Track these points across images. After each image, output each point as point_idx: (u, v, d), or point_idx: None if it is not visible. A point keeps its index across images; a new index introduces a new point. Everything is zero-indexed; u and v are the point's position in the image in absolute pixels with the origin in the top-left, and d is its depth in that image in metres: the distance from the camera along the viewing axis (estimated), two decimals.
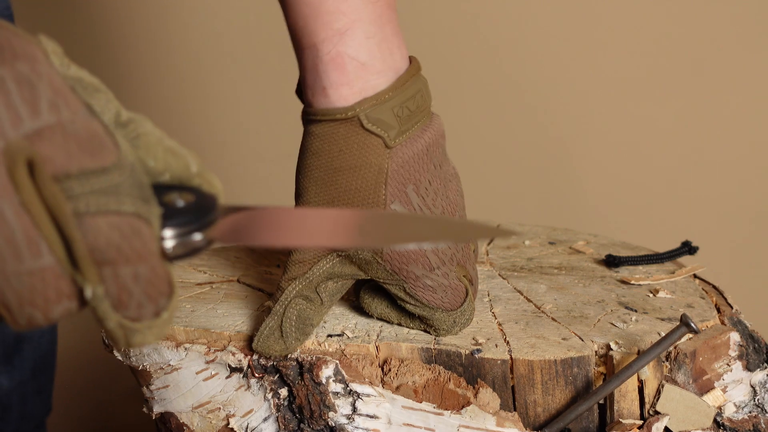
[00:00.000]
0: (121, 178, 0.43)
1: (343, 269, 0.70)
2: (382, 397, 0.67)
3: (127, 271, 0.43)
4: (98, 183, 0.42)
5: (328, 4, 0.67)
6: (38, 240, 0.41)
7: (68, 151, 0.42)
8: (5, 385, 1.06)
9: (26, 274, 0.41)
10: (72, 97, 0.43)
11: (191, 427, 0.72)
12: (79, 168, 0.42)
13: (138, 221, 0.43)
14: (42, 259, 0.41)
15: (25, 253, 0.41)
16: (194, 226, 0.46)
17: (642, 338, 0.70)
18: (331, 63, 0.67)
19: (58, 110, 0.42)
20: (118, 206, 0.42)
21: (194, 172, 0.47)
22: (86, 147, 0.42)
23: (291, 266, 0.70)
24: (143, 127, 0.47)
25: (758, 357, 0.73)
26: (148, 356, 0.72)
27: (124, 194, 0.43)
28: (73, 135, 0.42)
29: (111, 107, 0.46)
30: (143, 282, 0.43)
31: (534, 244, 0.92)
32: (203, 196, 0.47)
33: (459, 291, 0.71)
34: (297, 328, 0.68)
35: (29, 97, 0.42)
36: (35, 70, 0.43)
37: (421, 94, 0.69)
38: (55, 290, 0.42)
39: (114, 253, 0.42)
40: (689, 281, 0.82)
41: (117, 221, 0.42)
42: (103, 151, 0.43)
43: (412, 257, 0.68)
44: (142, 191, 0.44)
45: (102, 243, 0.42)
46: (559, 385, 0.68)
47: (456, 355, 0.68)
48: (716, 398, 0.70)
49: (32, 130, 0.41)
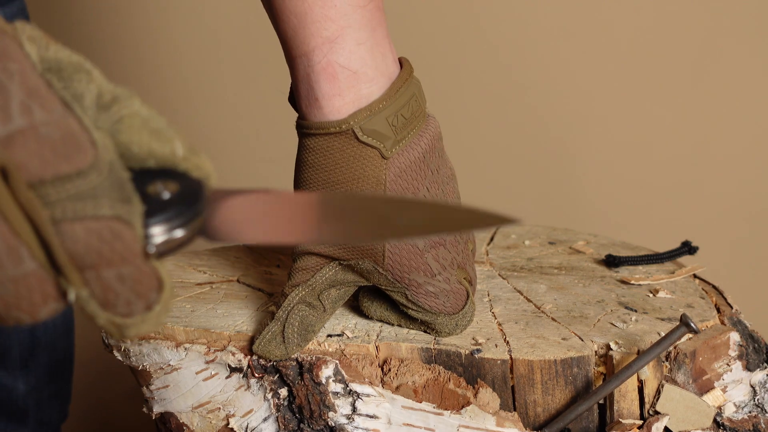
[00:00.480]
0: (98, 179, 0.41)
1: (346, 277, 0.70)
2: (381, 397, 0.67)
3: (110, 273, 0.42)
4: (74, 188, 0.41)
5: (315, 13, 0.65)
6: (18, 247, 0.40)
7: (42, 157, 0.40)
8: (22, 389, 1.06)
9: (10, 281, 0.41)
10: (46, 95, 0.42)
11: (191, 427, 0.72)
12: (54, 173, 0.40)
13: (118, 224, 0.41)
14: (24, 265, 0.41)
15: (6, 261, 0.40)
16: (179, 220, 0.44)
17: (642, 338, 0.70)
18: (322, 73, 0.66)
19: (31, 112, 0.41)
20: (95, 211, 0.41)
21: (180, 156, 0.45)
22: (61, 150, 0.41)
23: (294, 273, 0.70)
24: (128, 108, 0.45)
25: (758, 357, 0.73)
26: (148, 356, 0.72)
27: (101, 197, 0.41)
28: (47, 139, 0.41)
29: (92, 88, 0.44)
30: (129, 281, 0.43)
31: (534, 244, 0.92)
32: (189, 185, 0.45)
33: (460, 294, 0.71)
34: (299, 334, 0.68)
35: (0, 100, 0.40)
36: (6, 70, 0.41)
37: (415, 99, 0.69)
38: (41, 294, 0.42)
39: (95, 258, 0.41)
40: (689, 281, 0.82)
41: (95, 226, 0.41)
42: (79, 152, 0.41)
43: (413, 265, 0.68)
44: (122, 191, 0.42)
45: (81, 249, 0.41)
46: (559, 385, 0.68)
47: (456, 355, 0.68)
48: (716, 398, 0.70)
49: (4, 135, 0.40)
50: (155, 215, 0.43)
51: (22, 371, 1.06)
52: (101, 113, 0.44)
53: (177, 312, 0.74)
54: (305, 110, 0.68)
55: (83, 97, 0.44)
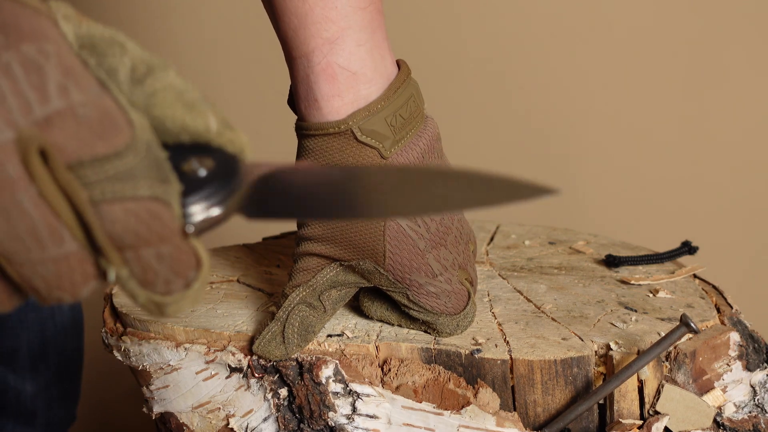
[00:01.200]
0: (135, 160, 0.42)
1: (347, 278, 0.70)
2: (381, 397, 0.67)
3: (149, 253, 0.42)
4: (112, 168, 0.41)
5: (316, 13, 0.65)
6: (59, 228, 0.41)
7: (80, 138, 0.41)
8: (30, 390, 1.06)
9: (51, 261, 0.41)
10: (82, 75, 0.42)
11: (191, 427, 0.72)
12: (92, 154, 0.41)
13: (156, 204, 0.42)
14: (65, 246, 0.41)
15: (48, 242, 0.41)
16: (217, 198, 0.44)
17: (642, 338, 0.70)
18: (321, 74, 0.66)
19: (68, 93, 0.41)
20: (133, 191, 0.41)
21: (214, 130, 0.45)
22: (98, 131, 0.41)
23: (295, 273, 0.70)
24: (162, 80, 0.44)
25: (758, 357, 0.73)
26: (148, 356, 0.72)
27: (139, 177, 0.41)
28: (85, 119, 0.41)
29: (125, 61, 0.44)
30: (168, 260, 0.43)
31: (534, 244, 0.92)
32: (224, 161, 0.44)
33: (462, 295, 0.71)
34: (299, 335, 0.68)
35: (37, 81, 0.40)
36: (42, 51, 0.41)
37: (413, 100, 0.69)
38: (81, 274, 0.42)
39: (133, 238, 0.42)
40: (689, 281, 0.82)
41: (134, 207, 0.41)
42: (117, 132, 0.41)
43: (415, 266, 0.68)
44: (160, 170, 0.42)
45: (120, 229, 0.41)
46: (559, 385, 0.68)
47: (456, 355, 0.68)
48: (716, 398, 0.70)
49: (42, 116, 0.40)
50: (192, 194, 0.43)
51: (31, 372, 1.06)
52: (135, 87, 0.44)
53: None
54: (304, 111, 0.68)
55: (117, 71, 0.44)
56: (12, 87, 0.40)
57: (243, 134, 0.46)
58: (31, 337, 1.06)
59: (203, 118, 0.45)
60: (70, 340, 1.10)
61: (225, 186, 0.44)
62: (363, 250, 0.68)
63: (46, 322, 1.05)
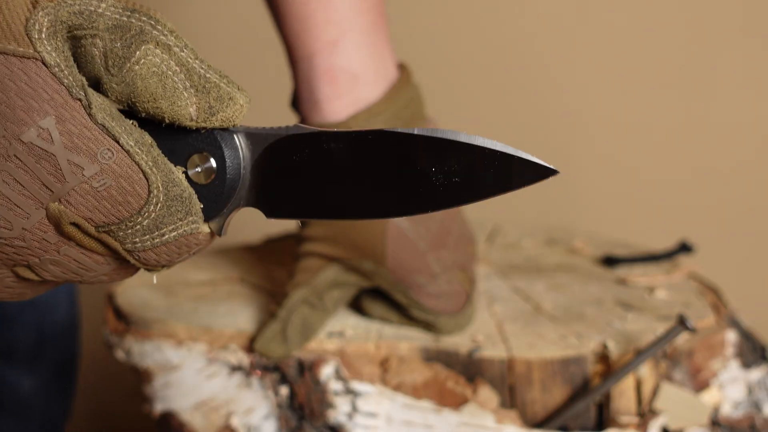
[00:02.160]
0: (156, 209, 0.44)
1: (348, 277, 0.70)
2: (381, 395, 0.67)
3: (182, 258, 0.47)
4: (137, 225, 0.44)
5: (318, 16, 0.66)
6: (103, 258, 0.46)
7: (103, 209, 0.43)
8: (27, 386, 1.07)
9: (104, 275, 0.47)
10: (88, 136, 0.42)
11: (192, 426, 0.72)
12: (117, 219, 0.44)
13: (185, 237, 0.45)
14: (110, 266, 0.47)
15: (96, 268, 0.46)
16: (231, 201, 0.45)
17: (639, 337, 0.70)
18: (323, 76, 0.67)
19: (80, 168, 0.43)
20: (161, 239, 0.44)
21: (195, 120, 0.44)
22: (118, 199, 0.43)
23: (297, 273, 0.70)
24: (142, 62, 0.43)
25: (754, 355, 0.73)
26: (150, 355, 0.72)
27: (164, 224, 0.44)
28: (103, 190, 0.43)
29: (98, 43, 0.43)
30: (196, 252, 0.47)
31: (532, 244, 0.93)
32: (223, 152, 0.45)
33: (462, 295, 0.71)
34: (300, 334, 0.68)
35: (49, 167, 0.42)
36: (43, 131, 0.42)
37: (414, 102, 0.69)
38: (128, 273, 0.48)
39: (168, 262, 0.46)
40: (686, 281, 0.83)
41: (165, 249, 0.45)
42: (135, 193, 0.43)
43: (415, 266, 0.69)
44: (181, 207, 0.44)
45: (156, 263, 0.46)
46: (557, 383, 0.68)
47: (455, 353, 0.69)
48: (713, 396, 0.70)
49: (64, 194, 0.43)
50: (208, 205, 0.45)
51: (29, 368, 1.06)
52: (115, 74, 0.43)
53: (179, 310, 0.75)
54: (306, 113, 0.68)
55: (93, 56, 0.43)
56: (28, 177, 0.42)
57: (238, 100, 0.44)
58: (28, 332, 1.06)
59: (183, 107, 0.44)
60: (67, 337, 1.10)
61: (232, 184, 0.45)
62: (364, 250, 0.68)
63: (44, 318, 1.05)
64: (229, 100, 0.44)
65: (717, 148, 1.45)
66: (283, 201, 0.46)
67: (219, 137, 0.45)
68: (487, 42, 1.44)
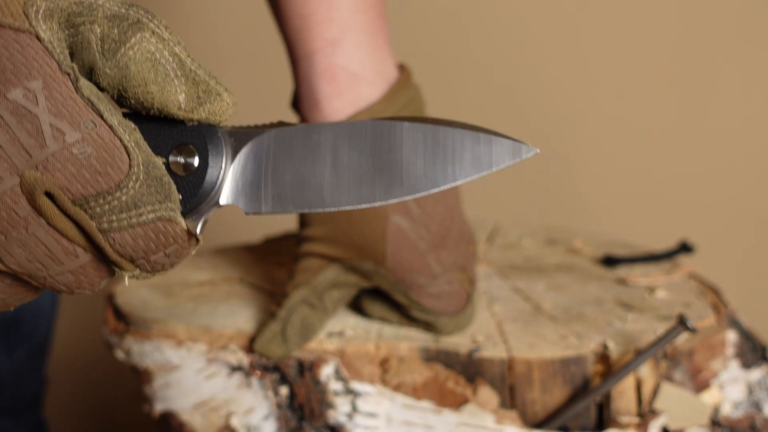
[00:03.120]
0: (136, 187, 0.43)
1: (348, 278, 0.70)
2: (381, 395, 0.67)
3: (158, 256, 0.45)
4: (115, 200, 0.43)
5: (319, 15, 0.66)
6: (73, 247, 0.44)
7: (81, 178, 0.43)
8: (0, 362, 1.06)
9: (69, 272, 0.45)
10: (73, 106, 0.43)
11: (192, 426, 0.72)
12: (95, 191, 0.43)
13: (161, 223, 0.44)
14: (80, 259, 0.45)
15: (64, 259, 0.44)
16: (210, 196, 0.45)
17: (639, 337, 0.70)
18: (323, 74, 0.67)
19: (62, 134, 0.42)
20: (138, 218, 0.44)
21: (184, 108, 0.45)
22: (98, 168, 0.43)
23: (297, 273, 0.70)
24: (136, 47, 0.44)
25: (754, 355, 0.73)
26: (150, 355, 0.72)
27: (142, 203, 0.43)
28: (83, 159, 0.42)
29: (96, 29, 0.44)
30: (173, 255, 0.46)
31: (532, 244, 0.93)
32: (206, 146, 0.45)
33: (462, 295, 0.71)
34: (300, 334, 0.68)
35: (31, 128, 0.42)
36: (29, 93, 0.42)
37: (414, 102, 0.69)
38: (97, 275, 0.46)
39: (144, 253, 0.45)
40: (686, 281, 0.83)
41: (141, 231, 0.44)
42: (115, 166, 0.43)
43: (415, 267, 0.69)
44: (160, 189, 0.44)
45: (131, 250, 0.44)
46: (557, 383, 0.68)
47: (455, 353, 0.69)
48: (713, 396, 0.70)
49: (42, 160, 0.42)
50: (187, 197, 0.45)
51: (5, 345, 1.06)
52: (109, 59, 0.44)
53: (179, 311, 0.75)
54: (306, 113, 0.68)
55: (89, 42, 0.44)
56: (8, 137, 0.42)
57: (224, 98, 0.45)
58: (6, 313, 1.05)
59: (173, 94, 0.45)
60: (43, 318, 1.10)
61: (213, 179, 0.45)
62: (364, 250, 0.68)
63: None
64: (217, 95, 0.45)
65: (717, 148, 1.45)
66: (263, 195, 0.46)
67: (203, 131, 0.45)
68: (487, 42, 1.44)
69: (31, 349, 1.09)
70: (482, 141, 0.46)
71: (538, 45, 1.44)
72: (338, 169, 0.45)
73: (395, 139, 0.45)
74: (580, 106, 1.45)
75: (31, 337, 1.08)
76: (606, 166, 1.47)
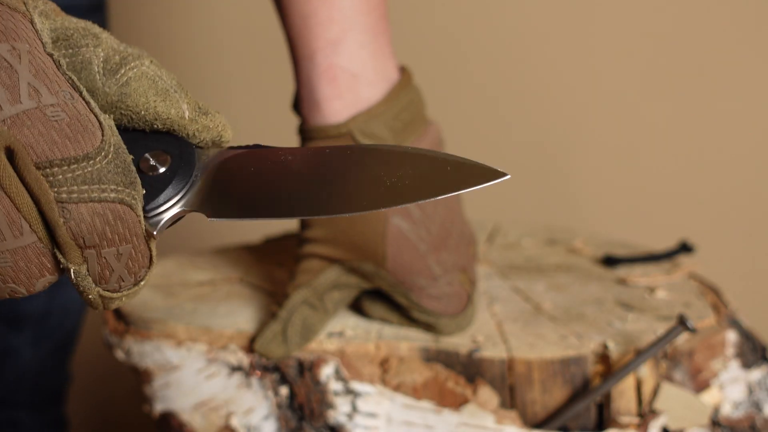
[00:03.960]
0: (104, 162, 0.43)
1: (349, 279, 0.70)
2: (381, 395, 0.67)
3: (110, 251, 0.44)
4: (80, 170, 0.42)
5: (320, 15, 0.66)
6: (19, 221, 0.42)
7: (50, 139, 0.42)
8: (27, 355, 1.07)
9: (9, 252, 0.42)
10: (54, 78, 0.43)
11: (192, 426, 0.72)
12: (61, 156, 0.42)
13: (121, 207, 0.43)
14: (23, 238, 0.42)
15: (7, 233, 0.42)
16: (175, 200, 0.45)
17: (639, 337, 0.70)
18: (323, 75, 0.67)
19: (39, 94, 0.42)
20: (100, 193, 0.43)
21: (188, 117, 0.46)
22: (68, 133, 0.42)
23: (298, 274, 0.70)
24: (136, 70, 0.45)
25: (754, 355, 0.73)
26: (150, 355, 0.72)
27: (107, 181, 0.43)
28: (55, 121, 0.42)
29: (99, 52, 0.45)
30: (125, 259, 0.44)
31: (532, 244, 0.93)
32: (180, 155, 0.46)
33: (462, 296, 0.71)
34: (300, 335, 0.68)
35: (8, 81, 0.41)
36: (15, 50, 0.42)
37: (414, 104, 0.69)
38: (38, 266, 0.43)
39: (97, 238, 0.43)
40: (686, 281, 0.83)
41: (100, 208, 0.43)
42: (86, 135, 0.42)
43: (416, 269, 0.69)
44: (126, 175, 0.43)
45: (85, 229, 0.43)
46: (557, 383, 0.68)
47: (455, 354, 0.69)
48: (713, 397, 0.70)
49: (11, 115, 0.41)
50: (152, 197, 0.45)
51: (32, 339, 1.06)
52: (109, 78, 0.45)
53: (179, 311, 0.75)
54: (306, 114, 0.68)
55: (91, 62, 0.45)
56: None
57: (221, 118, 0.47)
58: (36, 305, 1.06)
59: (176, 105, 0.46)
60: (71, 314, 1.11)
61: (183, 184, 0.45)
62: (364, 252, 0.68)
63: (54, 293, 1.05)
64: (215, 113, 0.47)
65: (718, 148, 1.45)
66: (230, 203, 0.46)
67: (179, 142, 0.46)
68: (487, 44, 1.44)
69: (56, 343, 1.09)
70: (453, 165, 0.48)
71: (539, 45, 1.44)
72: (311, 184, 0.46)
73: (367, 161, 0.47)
74: (579, 106, 1.45)
75: (57, 331, 1.08)
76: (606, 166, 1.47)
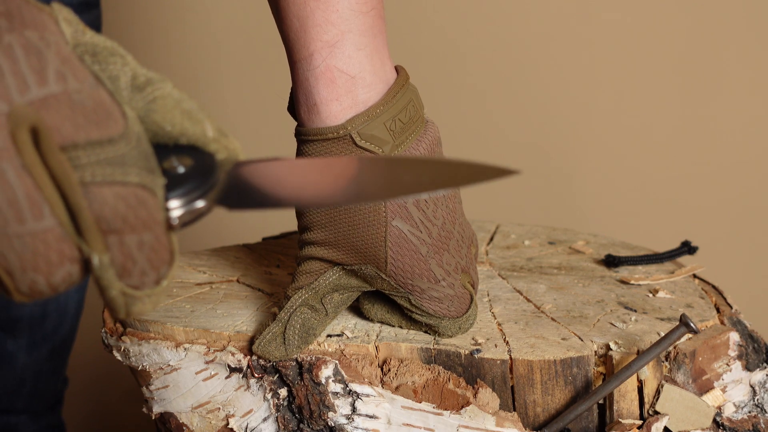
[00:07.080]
0: (127, 148, 0.44)
1: (349, 281, 0.70)
2: (381, 397, 0.67)
3: (132, 240, 0.44)
4: (104, 153, 0.43)
5: (317, 16, 0.66)
6: (40, 202, 0.42)
7: (75, 122, 0.43)
8: (23, 359, 1.07)
9: (29, 236, 0.42)
10: (79, 67, 0.44)
11: (191, 428, 0.72)
12: (86, 138, 0.43)
13: (143, 191, 0.44)
14: (44, 221, 0.42)
15: (27, 214, 0.41)
16: (196, 193, 0.46)
17: (641, 338, 0.70)
18: (321, 77, 0.66)
19: (65, 79, 0.43)
20: (123, 177, 0.43)
21: (210, 136, 0.48)
22: (93, 117, 0.43)
23: (298, 276, 0.70)
24: (161, 90, 0.47)
25: (757, 357, 0.73)
26: (148, 356, 0.72)
27: (129, 165, 0.43)
28: (80, 105, 0.43)
29: (126, 71, 0.47)
30: (147, 250, 0.44)
31: (534, 244, 0.92)
32: (202, 159, 0.47)
33: (464, 298, 0.71)
34: (300, 337, 0.68)
35: (37, 64, 0.43)
36: (44, 38, 0.44)
37: (412, 104, 0.69)
38: (58, 253, 0.43)
39: (120, 222, 0.43)
40: (689, 281, 0.82)
41: (122, 191, 0.43)
42: (110, 121, 0.44)
43: (417, 271, 0.68)
44: (148, 162, 0.44)
45: (108, 212, 0.43)
46: (559, 385, 0.68)
47: (455, 355, 0.68)
48: (716, 398, 0.70)
49: (39, 97, 0.42)
50: (173, 188, 0.46)
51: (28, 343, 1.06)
52: (135, 94, 0.46)
53: (177, 312, 0.74)
54: (304, 116, 0.68)
55: (118, 78, 0.46)
56: (12, 67, 0.42)
57: (236, 141, 0.49)
58: (33, 309, 1.06)
59: (201, 124, 0.47)
60: (69, 317, 1.11)
61: (204, 182, 0.47)
62: (365, 255, 0.68)
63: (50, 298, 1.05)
64: (232, 136, 0.49)
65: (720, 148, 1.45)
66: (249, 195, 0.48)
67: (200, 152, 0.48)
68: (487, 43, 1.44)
69: (53, 348, 1.09)
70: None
71: (539, 46, 1.43)
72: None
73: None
74: (582, 107, 1.45)
75: (54, 335, 1.08)
76: (608, 167, 1.47)
